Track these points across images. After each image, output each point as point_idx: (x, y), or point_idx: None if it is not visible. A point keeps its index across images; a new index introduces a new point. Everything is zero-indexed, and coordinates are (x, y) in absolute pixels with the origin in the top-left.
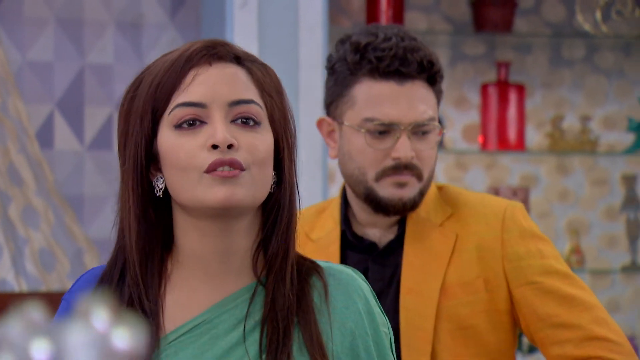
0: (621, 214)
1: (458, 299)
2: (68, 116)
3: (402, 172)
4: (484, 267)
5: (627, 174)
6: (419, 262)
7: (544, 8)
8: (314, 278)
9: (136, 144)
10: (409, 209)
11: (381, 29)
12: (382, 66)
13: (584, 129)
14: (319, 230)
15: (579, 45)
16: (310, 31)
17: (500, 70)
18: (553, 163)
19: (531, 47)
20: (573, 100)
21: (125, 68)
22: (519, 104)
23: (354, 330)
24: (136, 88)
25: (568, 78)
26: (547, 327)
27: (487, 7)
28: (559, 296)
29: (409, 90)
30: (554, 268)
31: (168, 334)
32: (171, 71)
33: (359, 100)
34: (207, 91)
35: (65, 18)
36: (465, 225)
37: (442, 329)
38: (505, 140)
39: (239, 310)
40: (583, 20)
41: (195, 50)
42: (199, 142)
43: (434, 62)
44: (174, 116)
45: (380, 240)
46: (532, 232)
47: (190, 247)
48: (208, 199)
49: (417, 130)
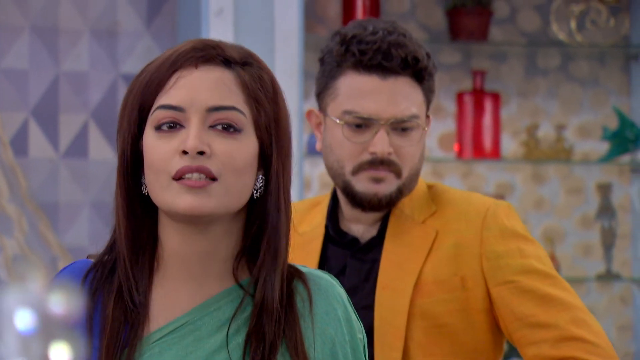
0: (596, 223)
1: (433, 297)
2: (43, 124)
3: (378, 168)
4: (461, 265)
5: (602, 183)
6: (396, 259)
7: (519, 17)
8: (296, 284)
9: (123, 141)
10: (384, 205)
11: (373, 22)
12: (364, 59)
13: (559, 137)
14: (307, 225)
15: (554, 54)
16: (286, 39)
17: (475, 79)
18: (528, 171)
19: (506, 56)
20: (548, 109)
21: (100, 76)
22: (494, 113)
23: (334, 337)
24: (133, 83)
25: (543, 87)
26: (524, 326)
27: (463, 15)
28: (536, 296)
29: (392, 86)
30: (533, 267)
31: (152, 333)
32: (158, 71)
33: (341, 93)
34: (187, 95)
35: (40, 26)
36: (446, 222)
37: (415, 326)
38: (481, 148)
39: (222, 312)
40: (558, 30)
41: (183, 52)
42: (173, 146)
43: (419, 58)
44: (155, 117)
45: (363, 236)
46: (513, 231)
47: (171, 246)
48: (175, 205)
49: (397, 126)
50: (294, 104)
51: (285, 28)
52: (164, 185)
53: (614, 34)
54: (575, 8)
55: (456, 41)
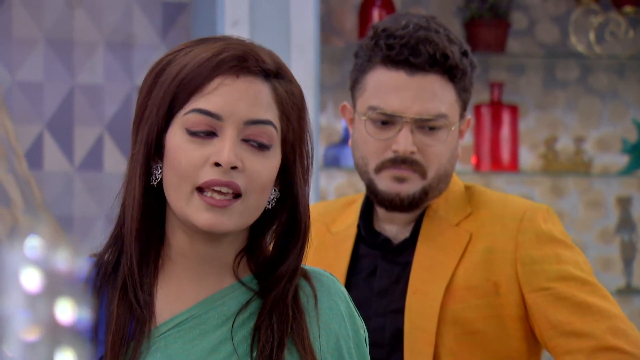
0: (616, 236)
1: (465, 302)
2: (58, 137)
3: (401, 166)
4: (495, 270)
5: (621, 196)
6: (428, 262)
7: (537, 29)
8: (301, 281)
9: (149, 132)
10: (406, 206)
11: (408, 17)
12: (392, 54)
13: (578, 150)
14: (340, 224)
15: (573, 66)
16: (302, 50)
17: (493, 91)
18: (547, 184)
19: (525, 68)
20: (567, 122)
21: (115, 88)
22: (512, 125)
23: (338, 331)
24: (161, 70)
25: (562, 99)
26: (559, 335)
27: (480, 27)
28: (573, 303)
29: (419, 83)
30: (570, 274)
31: (158, 327)
32: (198, 71)
33: (368, 88)
34: (227, 104)
35: (55, 38)
36: (480, 225)
37: (446, 332)
38: (499, 161)
39: (227, 307)
40: (577, 42)
41: (227, 58)
42: (204, 154)
43: (448, 55)
44: (188, 119)
45: (395, 237)
46: (551, 236)
47: (177, 245)
48: (194, 220)
49: (422, 124)
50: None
51: (301, 39)
52: (186, 195)
53: (633, 45)
54: (594, 19)
55: (473, 53)
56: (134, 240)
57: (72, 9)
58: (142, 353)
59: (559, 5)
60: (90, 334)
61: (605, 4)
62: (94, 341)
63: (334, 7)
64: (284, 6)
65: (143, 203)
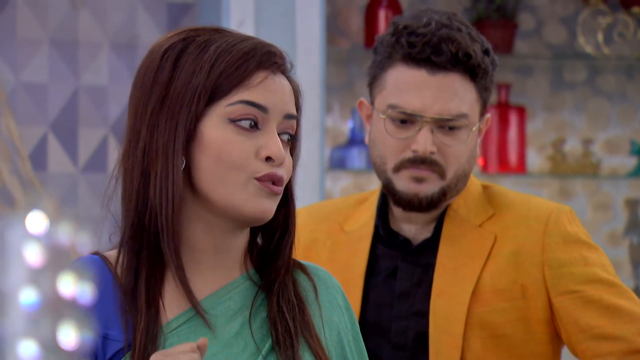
0: (624, 239)
1: (491, 306)
2: (62, 138)
3: (420, 167)
4: (522, 273)
5: (630, 198)
6: (452, 264)
7: (545, 30)
8: (296, 274)
9: (188, 120)
10: (425, 207)
11: (430, 14)
12: (413, 52)
13: (586, 152)
14: (354, 222)
15: (581, 67)
16: (307, 51)
17: (500, 92)
18: (555, 186)
19: (532, 69)
20: (575, 123)
21: (120, 89)
22: (519, 126)
23: (339, 324)
24: (179, 56)
25: (570, 100)
26: (589, 338)
27: (487, 28)
28: (601, 306)
29: (440, 82)
30: (597, 276)
31: (170, 321)
32: (240, 64)
33: (388, 86)
34: (272, 98)
35: (60, 39)
36: (505, 227)
37: (472, 335)
38: (506, 162)
39: (233, 302)
40: (585, 42)
41: (265, 53)
42: (254, 146)
43: (471, 54)
44: (234, 111)
45: (415, 238)
46: (577, 238)
47: (189, 237)
48: (248, 206)
49: (442, 124)
50: (315, 118)
51: (306, 40)
52: (239, 184)
53: None
54: (602, 20)
55: None
56: (173, 231)
57: (77, 9)
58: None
59: (567, 6)
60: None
61: (614, 5)
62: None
63: (340, 8)
64: (290, 7)
65: (178, 193)
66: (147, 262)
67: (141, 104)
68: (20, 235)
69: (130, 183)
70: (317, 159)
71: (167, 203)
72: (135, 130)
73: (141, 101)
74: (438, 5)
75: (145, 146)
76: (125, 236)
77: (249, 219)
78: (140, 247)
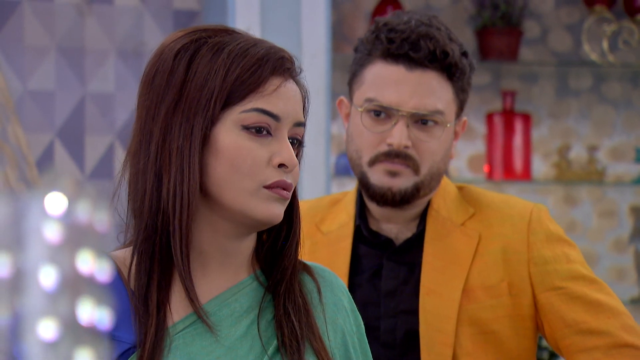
0: (629, 246)
1: (480, 303)
2: (69, 145)
3: (394, 160)
4: (509, 270)
5: (635, 205)
6: (439, 263)
7: (550, 37)
8: (301, 275)
9: (204, 125)
10: (398, 202)
11: (412, 14)
12: (392, 48)
13: (591, 159)
14: (331, 223)
15: (586, 74)
16: (313, 58)
17: (505, 99)
18: (560, 193)
19: (537, 77)
20: (580, 130)
21: (127, 96)
22: (525, 134)
23: (343, 326)
24: (191, 59)
25: (575, 108)
26: (574, 333)
27: (492, 35)
28: (586, 302)
29: (418, 78)
30: (580, 273)
31: (176, 323)
32: (255, 70)
33: (366, 81)
34: (285, 106)
35: (67, 46)
36: (488, 226)
37: (463, 332)
38: (512, 170)
39: (239, 304)
40: (590, 50)
41: (279, 59)
42: (266, 153)
43: (448, 52)
44: (248, 118)
45: (397, 237)
46: (558, 236)
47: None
48: (258, 211)
49: (418, 119)
50: (321, 124)
51: (312, 47)
52: (250, 190)
53: None
54: (607, 28)
55: (486, 61)
56: (189, 235)
57: (83, 17)
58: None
59: (572, 14)
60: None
61: (619, 12)
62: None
63: (346, 14)
64: (296, 14)
65: (195, 198)
66: (159, 265)
67: (153, 105)
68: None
69: (143, 184)
70: (322, 166)
71: (181, 207)
72: (146, 131)
73: (153, 102)
74: (443, 13)
75: (157, 148)
76: (139, 238)
77: (258, 223)
78: (153, 250)
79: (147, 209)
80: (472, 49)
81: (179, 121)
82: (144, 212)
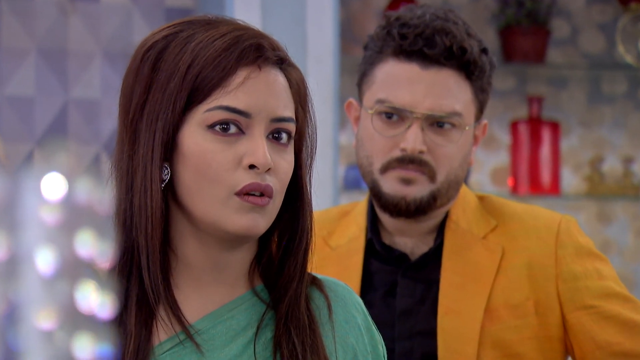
0: None
1: (504, 323)
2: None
3: (408, 167)
4: (535, 287)
5: None
6: (459, 279)
7: (580, 37)
8: (311, 291)
9: (165, 129)
10: (413, 212)
11: (426, 7)
12: (405, 44)
13: (626, 172)
14: (340, 237)
15: (620, 78)
16: (319, 62)
17: (532, 106)
18: (592, 209)
19: (567, 81)
20: (614, 140)
21: (113, 103)
22: (553, 144)
23: (355, 346)
24: (158, 57)
25: (608, 115)
26: (607, 356)
27: (517, 35)
28: (619, 322)
29: (433, 77)
30: (613, 290)
31: (163, 342)
32: (217, 63)
33: (377, 81)
34: (255, 101)
35: (48, 48)
36: (512, 239)
37: (485, 355)
38: (538, 183)
39: (235, 321)
40: (624, 52)
41: (247, 47)
42: (235, 155)
43: (466, 49)
44: (212, 116)
45: (413, 252)
46: (589, 250)
47: (183, 253)
48: (229, 223)
49: (434, 122)
50: (328, 134)
51: (318, 50)
52: (220, 200)
53: None
54: None
55: (510, 64)
56: (156, 251)
57: (66, 16)
58: None
59: (605, 11)
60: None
61: None
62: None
63: (355, 13)
64: (300, 13)
65: (162, 212)
66: (138, 283)
67: (124, 110)
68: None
69: (118, 198)
70: (330, 178)
71: (146, 221)
72: (120, 141)
73: (124, 108)
74: (463, 11)
75: (129, 158)
76: (117, 256)
77: (232, 236)
78: (130, 269)
79: (121, 224)
80: (495, 50)
81: (144, 127)
82: (119, 227)
